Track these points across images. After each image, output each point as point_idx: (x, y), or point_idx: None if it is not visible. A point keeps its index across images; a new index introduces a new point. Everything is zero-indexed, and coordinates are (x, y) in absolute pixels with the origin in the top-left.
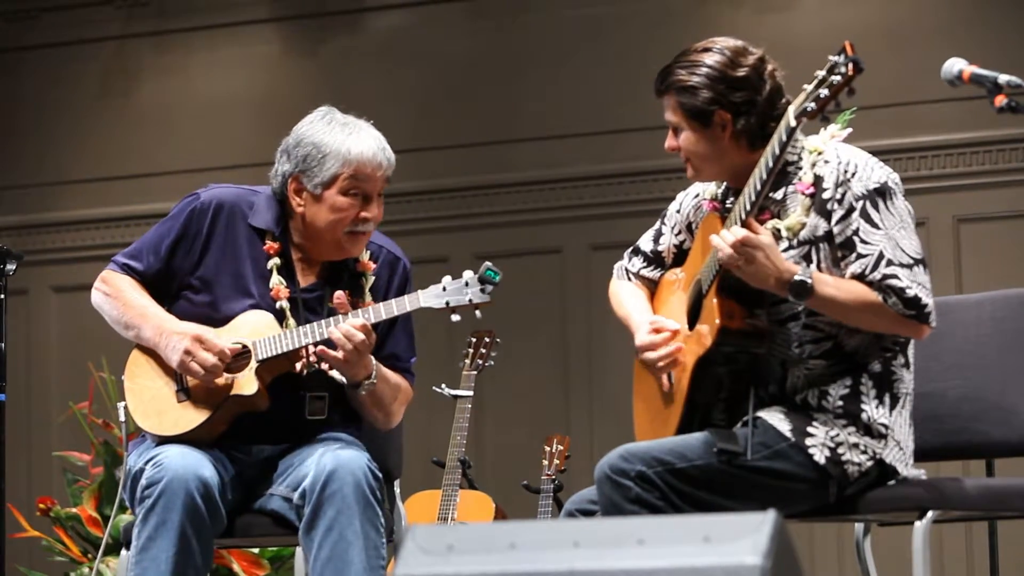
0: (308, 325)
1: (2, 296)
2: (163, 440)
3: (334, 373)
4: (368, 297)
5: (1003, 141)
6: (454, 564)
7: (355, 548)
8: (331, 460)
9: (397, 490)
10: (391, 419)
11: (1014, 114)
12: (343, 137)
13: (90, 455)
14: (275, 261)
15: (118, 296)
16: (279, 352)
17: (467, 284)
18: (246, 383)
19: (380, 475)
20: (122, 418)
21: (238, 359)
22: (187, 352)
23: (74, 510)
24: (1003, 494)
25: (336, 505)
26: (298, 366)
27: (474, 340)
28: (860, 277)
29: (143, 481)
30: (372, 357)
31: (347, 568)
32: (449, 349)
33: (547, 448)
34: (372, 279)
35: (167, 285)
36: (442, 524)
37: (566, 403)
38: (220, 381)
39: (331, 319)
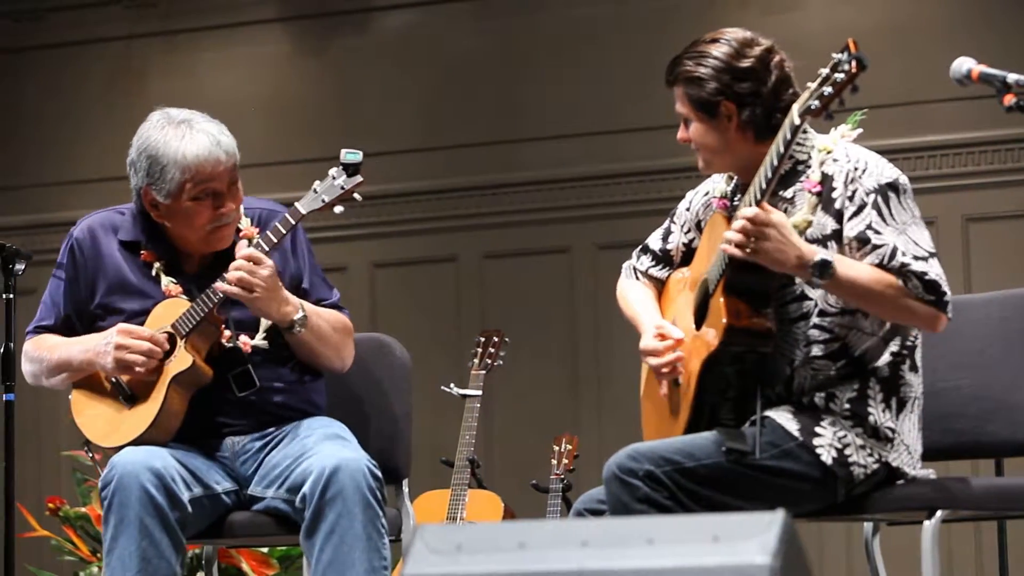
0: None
1: (11, 295)
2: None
3: (260, 340)
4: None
5: (1012, 141)
6: (463, 564)
7: (357, 551)
8: (331, 462)
9: (405, 490)
10: (343, 354)
11: (1023, 113)
12: (176, 143)
13: (99, 454)
14: (157, 266)
15: (40, 352)
16: (198, 319)
17: (334, 177)
18: (180, 360)
19: (380, 475)
20: (89, 453)
21: (170, 348)
22: (118, 347)
23: (83, 510)
24: (1012, 494)
25: (337, 508)
26: (227, 333)
27: (483, 340)
28: (878, 267)
29: (100, 484)
30: (291, 295)
31: (349, 571)
32: (458, 349)
33: (556, 448)
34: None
35: (79, 325)
36: (451, 524)
37: (574, 403)
38: (156, 366)
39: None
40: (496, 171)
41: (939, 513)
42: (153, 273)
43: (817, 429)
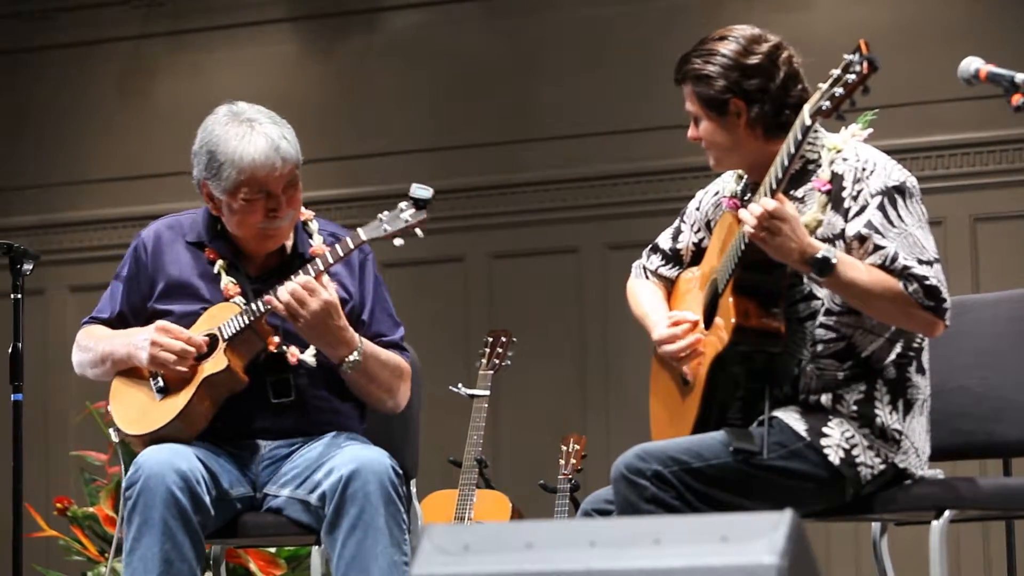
0: (265, 296)
1: (19, 296)
2: (150, 443)
3: (309, 356)
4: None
5: (1020, 140)
6: (470, 564)
7: (380, 545)
8: (353, 460)
9: (413, 490)
10: (395, 397)
11: None
12: (236, 142)
13: (107, 455)
14: (220, 264)
15: (89, 342)
16: (242, 326)
17: (401, 209)
18: (216, 362)
19: (402, 473)
20: (115, 440)
21: (211, 349)
22: (154, 343)
23: (91, 510)
24: (1020, 494)
25: (359, 503)
26: (275, 340)
27: (491, 340)
28: (880, 268)
29: (124, 483)
30: (356, 333)
31: (372, 565)
32: (466, 349)
33: (564, 447)
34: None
35: (136, 322)
36: (459, 524)
37: (582, 402)
38: (191, 364)
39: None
40: (505, 171)
41: (947, 513)
42: (215, 271)
43: (825, 429)
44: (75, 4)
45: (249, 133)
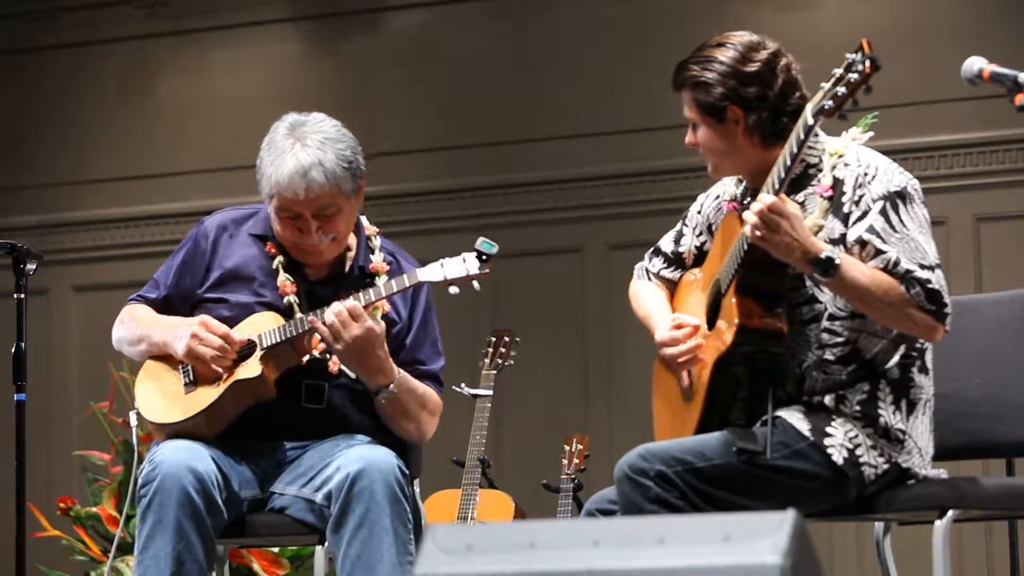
0: (311, 312)
1: (22, 296)
2: (169, 436)
3: (347, 371)
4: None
5: (1023, 140)
6: (473, 564)
7: (385, 544)
8: (359, 459)
9: (416, 489)
10: (422, 429)
11: None
12: (274, 158)
13: (110, 454)
14: (279, 259)
15: (130, 320)
16: (282, 339)
17: (464, 260)
18: (250, 368)
19: (408, 472)
20: (134, 423)
21: (248, 353)
22: (193, 336)
23: (94, 509)
24: (1023, 493)
25: (365, 502)
26: (306, 359)
27: (494, 339)
28: (882, 271)
29: (140, 480)
30: (394, 365)
31: (377, 564)
32: (469, 349)
33: (566, 447)
34: (385, 278)
35: (183, 307)
36: (462, 523)
37: (585, 402)
38: (226, 364)
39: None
40: (507, 171)
41: (950, 513)
42: (274, 266)
43: (828, 429)
44: (77, 4)
45: (289, 152)
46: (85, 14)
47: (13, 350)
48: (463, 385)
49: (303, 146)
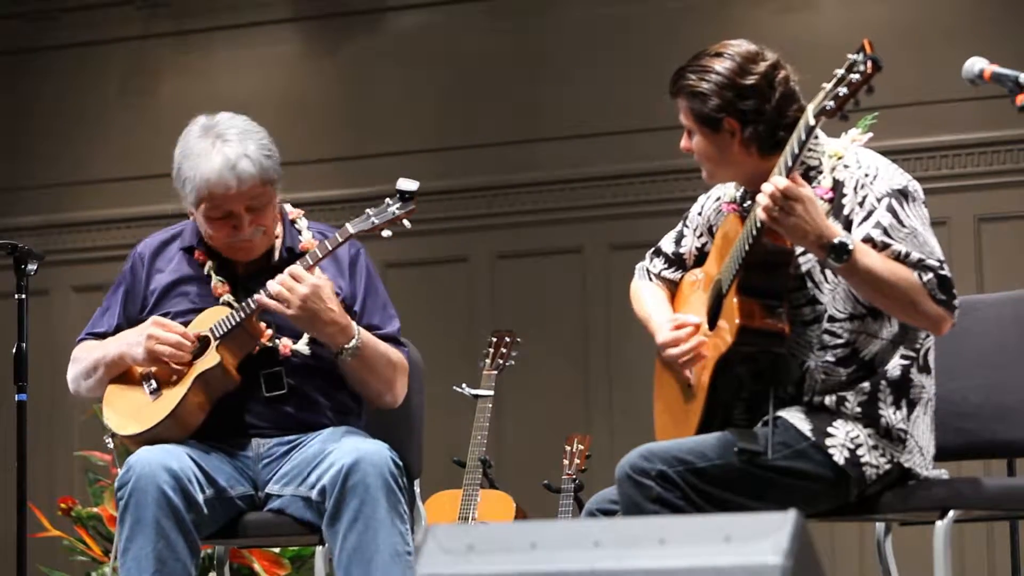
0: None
1: (23, 296)
2: (145, 443)
3: (302, 345)
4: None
5: None
6: (474, 564)
7: (381, 536)
8: (352, 452)
9: (417, 490)
10: (393, 390)
11: None
12: (196, 159)
13: (111, 455)
14: (208, 265)
15: (82, 355)
16: (233, 324)
17: (388, 203)
18: (208, 358)
19: (402, 464)
20: (110, 444)
21: (204, 347)
22: (150, 337)
23: (95, 510)
24: None
25: (359, 495)
26: (268, 333)
27: (495, 340)
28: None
29: (116, 484)
30: (353, 322)
31: (374, 556)
32: (470, 349)
33: (567, 447)
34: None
35: None
36: (463, 524)
37: (586, 402)
38: (186, 360)
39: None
40: (508, 171)
41: (951, 513)
42: (205, 272)
43: (829, 429)
44: (78, 4)
45: (211, 150)
46: (86, 14)
47: (14, 350)
48: (464, 385)
49: (224, 142)
